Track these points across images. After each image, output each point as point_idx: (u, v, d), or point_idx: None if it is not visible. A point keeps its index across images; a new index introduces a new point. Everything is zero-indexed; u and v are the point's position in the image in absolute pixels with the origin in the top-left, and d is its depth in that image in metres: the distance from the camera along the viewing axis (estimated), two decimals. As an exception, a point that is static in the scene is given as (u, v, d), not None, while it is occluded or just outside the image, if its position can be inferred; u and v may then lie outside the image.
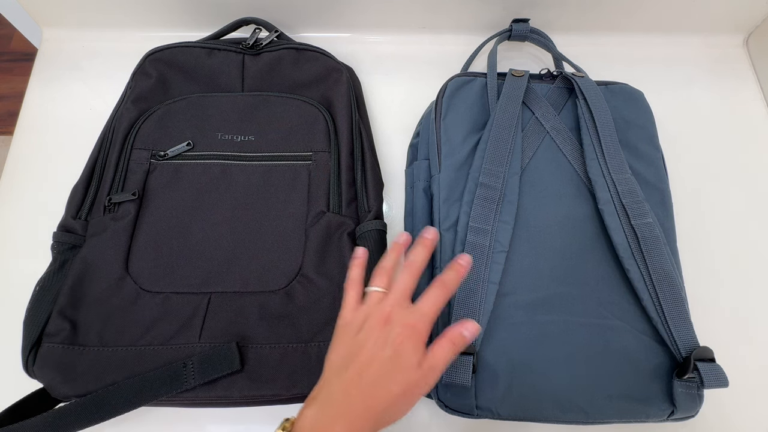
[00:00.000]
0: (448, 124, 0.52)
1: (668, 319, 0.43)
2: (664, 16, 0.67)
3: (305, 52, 0.57)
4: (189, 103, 0.54)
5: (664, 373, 0.43)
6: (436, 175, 0.50)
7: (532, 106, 0.53)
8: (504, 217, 0.46)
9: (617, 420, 0.42)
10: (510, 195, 0.47)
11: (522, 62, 0.68)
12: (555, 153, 0.51)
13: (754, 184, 0.61)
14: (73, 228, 0.48)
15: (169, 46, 0.57)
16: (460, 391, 0.41)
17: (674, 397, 0.42)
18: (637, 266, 0.44)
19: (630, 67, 0.67)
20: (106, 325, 0.43)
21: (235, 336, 0.43)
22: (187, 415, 0.48)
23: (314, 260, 0.46)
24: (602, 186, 0.48)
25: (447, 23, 0.68)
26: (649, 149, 0.52)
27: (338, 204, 0.50)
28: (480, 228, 0.45)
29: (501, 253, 0.45)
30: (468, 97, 0.53)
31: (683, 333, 0.43)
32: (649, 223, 0.45)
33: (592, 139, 0.50)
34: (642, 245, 0.45)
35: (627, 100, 0.54)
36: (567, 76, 0.54)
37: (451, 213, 0.47)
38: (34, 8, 0.66)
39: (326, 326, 0.44)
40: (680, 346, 0.42)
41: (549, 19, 0.66)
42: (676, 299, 0.43)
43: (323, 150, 0.52)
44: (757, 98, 0.67)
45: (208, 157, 0.51)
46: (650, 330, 0.44)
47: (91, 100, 0.64)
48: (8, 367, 0.45)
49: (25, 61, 1.42)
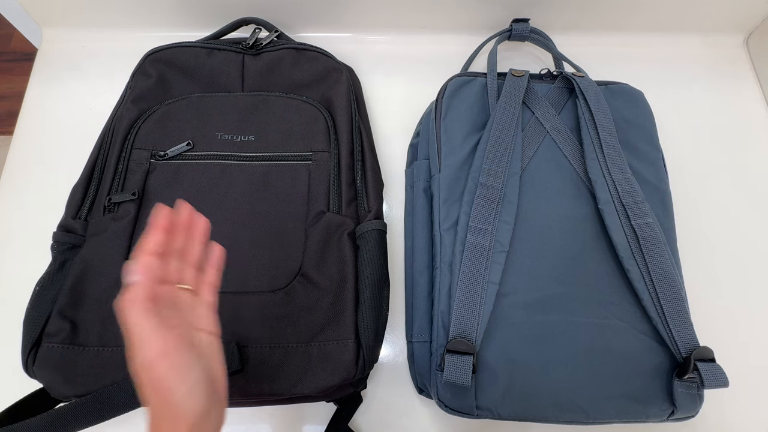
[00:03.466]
0: (448, 124, 0.52)
1: (668, 319, 0.43)
2: (664, 16, 0.67)
3: (305, 52, 0.57)
4: (189, 103, 0.54)
5: (664, 373, 0.43)
6: (436, 175, 0.50)
7: (532, 106, 0.53)
8: (504, 217, 0.46)
9: (617, 420, 0.42)
10: (510, 195, 0.47)
11: (522, 62, 0.68)
12: (555, 153, 0.51)
13: (754, 184, 0.61)
14: (73, 228, 0.48)
15: (169, 46, 0.57)
16: (460, 391, 0.41)
17: (674, 397, 0.42)
18: (637, 266, 0.44)
19: (630, 67, 0.67)
20: (105, 326, 0.43)
21: (235, 336, 0.43)
22: (187, 415, 0.48)
23: (314, 260, 0.46)
24: (602, 186, 0.48)
25: (447, 23, 0.68)
26: (649, 149, 0.52)
27: (338, 204, 0.50)
28: (480, 228, 0.45)
29: (501, 253, 0.45)
30: (468, 97, 0.53)
31: (683, 333, 0.42)
32: (649, 223, 0.45)
33: (592, 138, 0.50)
34: (642, 245, 0.45)
35: (627, 100, 0.54)
36: (567, 76, 0.54)
37: (451, 213, 0.47)
38: (34, 8, 0.66)
39: (326, 326, 0.44)
40: (680, 346, 0.42)
41: (549, 19, 0.66)
42: (676, 299, 0.43)
43: (323, 150, 0.52)
44: (757, 98, 0.67)
45: (208, 157, 0.51)
46: (650, 330, 0.44)
47: (91, 100, 0.64)
48: (8, 367, 0.45)
49: (25, 61, 1.42)
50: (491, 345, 0.42)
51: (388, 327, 0.48)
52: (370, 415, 0.49)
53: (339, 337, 0.43)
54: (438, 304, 0.45)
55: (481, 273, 0.43)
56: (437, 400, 0.43)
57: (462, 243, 0.45)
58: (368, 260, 0.47)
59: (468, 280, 0.43)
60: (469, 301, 0.42)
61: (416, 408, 0.50)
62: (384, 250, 0.49)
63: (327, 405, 0.48)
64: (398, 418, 0.49)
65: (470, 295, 0.42)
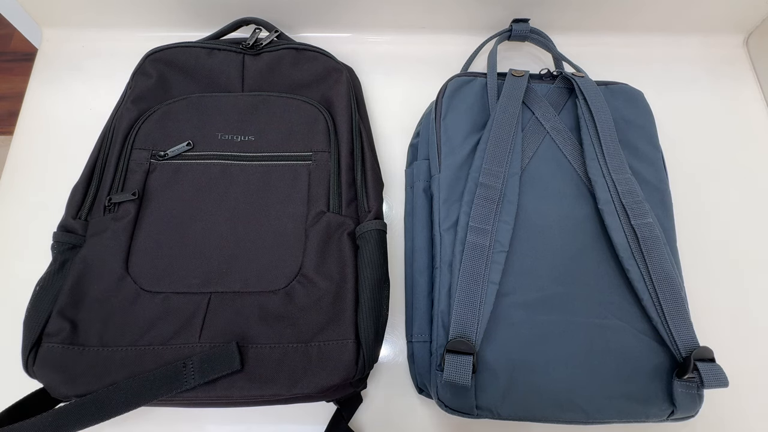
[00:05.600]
0: (448, 124, 0.52)
1: (668, 319, 0.43)
2: (664, 16, 0.67)
3: (305, 52, 0.57)
4: (189, 103, 0.54)
5: (664, 373, 0.43)
6: (436, 175, 0.50)
7: (532, 106, 0.53)
8: (504, 217, 0.46)
9: (617, 420, 0.42)
10: (510, 195, 0.47)
11: (522, 62, 0.68)
12: (555, 153, 0.51)
13: (754, 184, 0.61)
14: (73, 228, 0.48)
15: (169, 46, 0.57)
16: (460, 391, 0.41)
17: (674, 397, 0.42)
18: (637, 266, 0.44)
19: (630, 67, 0.67)
20: (106, 325, 0.43)
21: (235, 336, 0.43)
22: (187, 415, 0.48)
23: (314, 260, 0.46)
24: (602, 186, 0.48)
25: (447, 23, 0.68)
26: (649, 149, 0.52)
27: (338, 204, 0.50)
28: (480, 228, 0.45)
29: (501, 253, 0.45)
30: (468, 97, 0.53)
31: (683, 333, 0.42)
32: (649, 223, 0.45)
33: (591, 138, 0.50)
34: (642, 245, 0.45)
35: (627, 100, 0.54)
36: (567, 76, 0.54)
37: (451, 213, 0.47)
38: (34, 8, 0.66)
39: (326, 326, 0.44)
40: (680, 346, 0.42)
41: (549, 19, 0.66)
42: (676, 299, 0.43)
43: (323, 150, 0.52)
44: (757, 98, 0.67)
45: (208, 157, 0.51)
46: (650, 330, 0.44)
47: (91, 101, 0.64)
48: (8, 367, 0.45)
49: (25, 61, 1.42)
50: (491, 345, 0.42)
51: (388, 327, 0.48)
52: (370, 415, 0.49)
53: (339, 337, 0.43)
54: (438, 304, 0.45)
55: (481, 273, 0.43)
56: (437, 400, 0.43)
57: (462, 243, 0.45)
58: (368, 260, 0.47)
59: (468, 280, 0.43)
60: (469, 301, 0.42)
61: (416, 408, 0.50)
62: (384, 250, 0.49)
63: (327, 405, 0.48)
64: (398, 418, 0.49)
65: (470, 295, 0.42)
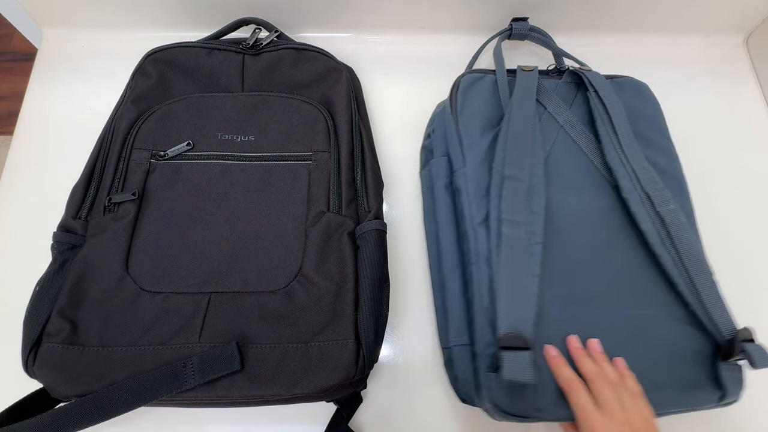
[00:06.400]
0: (465, 118, 0.51)
1: (706, 303, 0.42)
2: (664, 16, 0.67)
3: (305, 52, 0.57)
4: (189, 103, 0.54)
5: (706, 359, 0.42)
6: (461, 169, 0.49)
7: (543, 100, 0.52)
8: (534, 209, 0.45)
9: (667, 410, 0.41)
10: (537, 186, 0.46)
11: (522, 60, 0.68)
12: (570, 146, 0.50)
13: (754, 184, 0.61)
14: (73, 228, 0.48)
15: (169, 46, 0.57)
16: (519, 391, 0.39)
17: (722, 381, 0.41)
18: (668, 253, 0.44)
19: (630, 67, 0.66)
20: (106, 325, 0.43)
21: (235, 336, 0.43)
22: (187, 415, 0.48)
23: (314, 260, 0.46)
24: (624, 175, 0.47)
25: (447, 23, 0.68)
26: (661, 139, 0.52)
27: (338, 204, 0.50)
28: (514, 220, 0.43)
29: (538, 244, 0.43)
30: (481, 94, 0.52)
31: (723, 316, 0.42)
32: (674, 210, 0.45)
33: (608, 130, 0.50)
34: (671, 231, 0.44)
35: (634, 93, 0.54)
36: (575, 70, 0.54)
37: (482, 206, 0.46)
38: (34, 8, 0.66)
39: (326, 326, 0.44)
40: (722, 329, 0.41)
41: (549, 20, 0.66)
42: (710, 283, 0.43)
43: (323, 150, 0.52)
44: (757, 98, 0.67)
45: (208, 157, 0.51)
46: (686, 316, 0.43)
47: (91, 100, 0.64)
48: (8, 367, 0.45)
49: (25, 61, 1.42)
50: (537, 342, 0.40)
51: (388, 327, 0.48)
52: (370, 415, 0.49)
53: (339, 337, 0.43)
54: (480, 301, 0.43)
55: (523, 265, 0.42)
56: (491, 404, 0.40)
57: (497, 236, 0.43)
58: (368, 260, 0.46)
59: (511, 273, 0.41)
60: (516, 294, 0.40)
61: (416, 408, 0.50)
62: (384, 250, 0.49)
63: (327, 405, 0.48)
64: (398, 418, 0.49)
65: (516, 288, 0.41)
